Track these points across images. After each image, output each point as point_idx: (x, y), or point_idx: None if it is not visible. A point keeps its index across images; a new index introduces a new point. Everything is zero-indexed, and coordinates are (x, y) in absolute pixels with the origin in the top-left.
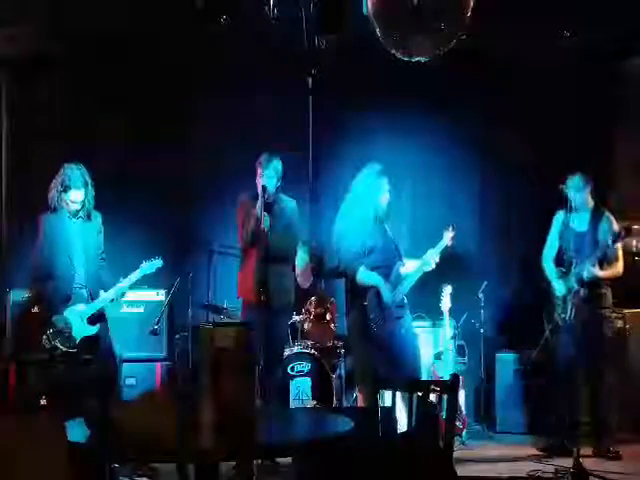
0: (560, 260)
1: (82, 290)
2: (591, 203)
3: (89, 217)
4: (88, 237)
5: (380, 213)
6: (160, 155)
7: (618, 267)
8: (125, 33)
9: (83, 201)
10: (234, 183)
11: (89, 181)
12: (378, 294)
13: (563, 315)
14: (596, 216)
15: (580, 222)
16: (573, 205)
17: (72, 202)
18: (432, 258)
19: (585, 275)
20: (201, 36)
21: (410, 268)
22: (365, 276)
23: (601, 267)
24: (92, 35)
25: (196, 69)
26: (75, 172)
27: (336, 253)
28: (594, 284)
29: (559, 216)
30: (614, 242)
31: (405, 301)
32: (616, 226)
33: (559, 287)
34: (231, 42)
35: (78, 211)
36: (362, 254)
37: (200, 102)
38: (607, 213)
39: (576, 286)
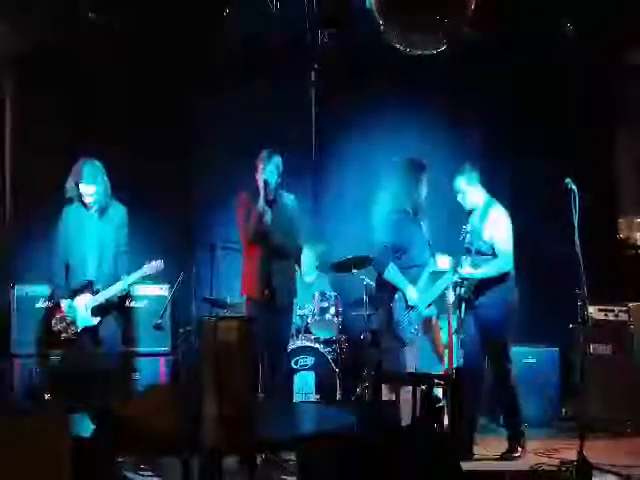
0: None
1: (92, 281)
2: (482, 198)
3: (105, 211)
4: (104, 230)
5: (415, 208)
6: (163, 149)
7: (493, 264)
8: (126, 28)
9: (95, 195)
10: (237, 178)
11: (101, 176)
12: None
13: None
14: (484, 212)
15: (474, 219)
16: (465, 207)
17: (85, 195)
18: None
19: (457, 275)
20: (203, 30)
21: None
22: (392, 275)
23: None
24: (94, 32)
25: (197, 65)
26: (87, 167)
27: (370, 246)
28: (477, 284)
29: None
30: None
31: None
32: (499, 221)
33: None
34: (233, 36)
35: (93, 204)
36: (393, 249)
37: (202, 98)
38: (493, 209)
39: (458, 287)
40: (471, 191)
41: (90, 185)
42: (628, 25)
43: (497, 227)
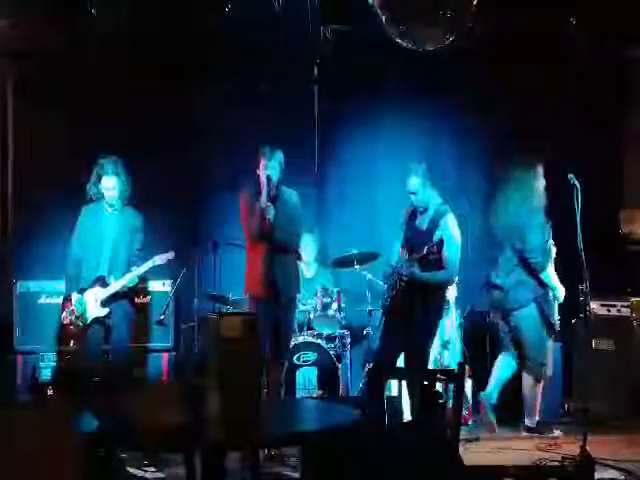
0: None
1: (103, 276)
2: (435, 200)
3: (123, 213)
4: (120, 231)
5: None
6: (165, 146)
7: (438, 273)
8: (127, 26)
9: (116, 189)
10: (240, 174)
11: (121, 172)
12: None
13: (386, 303)
14: (437, 215)
15: (422, 219)
16: (415, 204)
17: (106, 190)
18: None
19: (403, 273)
20: (205, 26)
21: None
22: (549, 277)
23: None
24: (95, 28)
25: (199, 61)
26: (107, 162)
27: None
28: (417, 283)
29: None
30: (431, 248)
31: None
32: (452, 231)
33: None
34: (236, 32)
35: (115, 201)
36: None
37: (204, 92)
38: (446, 217)
39: (397, 281)
40: (425, 192)
41: (112, 177)
42: (631, 19)
43: (448, 237)
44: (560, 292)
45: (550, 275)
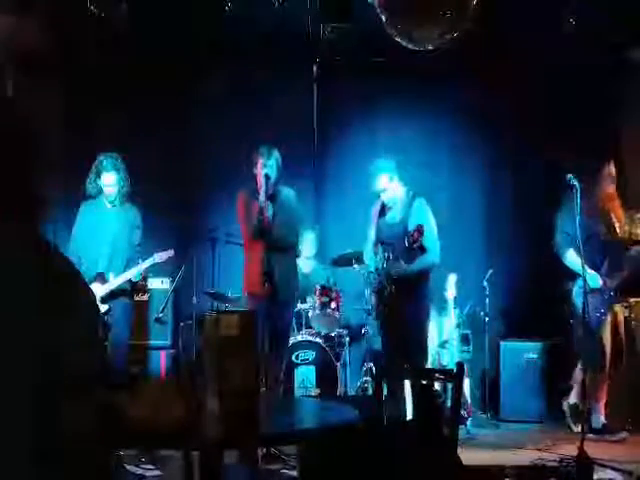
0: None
1: (103, 272)
2: (404, 192)
3: (122, 209)
4: (119, 228)
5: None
6: (164, 144)
7: (423, 259)
8: (127, 25)
9: (115, 186)
10: (239, 172)
11: (121, 168)
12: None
13: (380, 309)
14: (407, 202)
15: (393, 213)
16: (383, 199)
17: (106, 186)
18: None
19: (392, 273)
20: (204, 24)
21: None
22: (573, 263)
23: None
24: (93, 24)
25: (198, 58)
26: (107, 159)
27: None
28: (406, 279)
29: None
30: (411, 237)
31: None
32: (425, 213)
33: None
34: (236, 30)
35: (114, 197)
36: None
37: (203, 91)
38: (417, 202)
39: (386, 283)
40: (394, 187)
41: (112, 173)
42: (630, 19)
43: (424, 220)
44: (596, 280)
45: (574, 261)
